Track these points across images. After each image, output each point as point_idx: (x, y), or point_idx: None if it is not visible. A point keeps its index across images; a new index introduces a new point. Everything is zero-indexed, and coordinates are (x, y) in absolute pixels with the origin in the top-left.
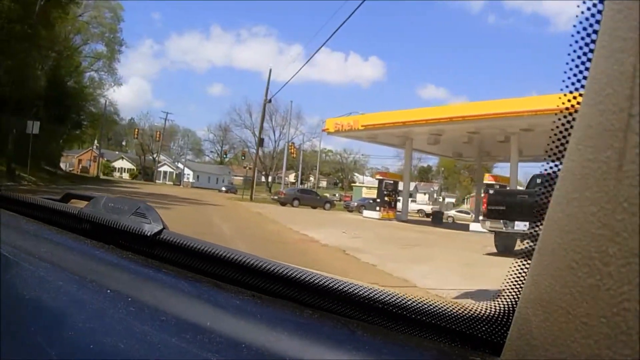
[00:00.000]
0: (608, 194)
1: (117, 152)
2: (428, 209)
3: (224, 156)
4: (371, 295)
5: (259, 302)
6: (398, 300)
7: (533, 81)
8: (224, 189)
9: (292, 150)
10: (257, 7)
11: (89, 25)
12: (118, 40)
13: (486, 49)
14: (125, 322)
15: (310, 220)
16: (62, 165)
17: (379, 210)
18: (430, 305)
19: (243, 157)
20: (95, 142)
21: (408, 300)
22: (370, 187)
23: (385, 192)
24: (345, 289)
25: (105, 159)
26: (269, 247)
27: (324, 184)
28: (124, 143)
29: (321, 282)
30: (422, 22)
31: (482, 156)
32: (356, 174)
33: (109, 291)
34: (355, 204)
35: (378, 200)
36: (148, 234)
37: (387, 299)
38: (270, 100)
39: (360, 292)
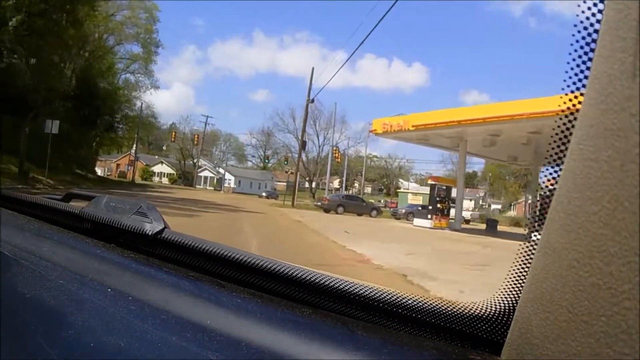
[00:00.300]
0: (609, 193)
1: (156, 157)
2: (467, 215)
3: (267, 161)
4: (371, 294)
5: (259, 301)
6: (398, 299)
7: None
8: (264, 194)
9: (337, 155)
10: (300, 13)
11: (124, 26)
12: (154, 41)
13: (529, 53)
14: (126, 321)
15: (357, 231)
16: (99, 169)
17: (431, 219)
18: (430, 304)
19: (286, 162)
20: (134, 146)
21: (408, 299)
22: (415, 194)
23: (437, 199)
24: (345, 287)
25: (145, 163)
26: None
27: (368, 190)
28: (164, 148)
29: (321, 281)
30: (464, 27)
31: (539, 159)
32: (401, 180)
33: (109, 290)
34: (403, 210)
35: (429, 207)
36: (149, 233)
37: (387, 297)
38: (312, 100)
39: (360, 291)
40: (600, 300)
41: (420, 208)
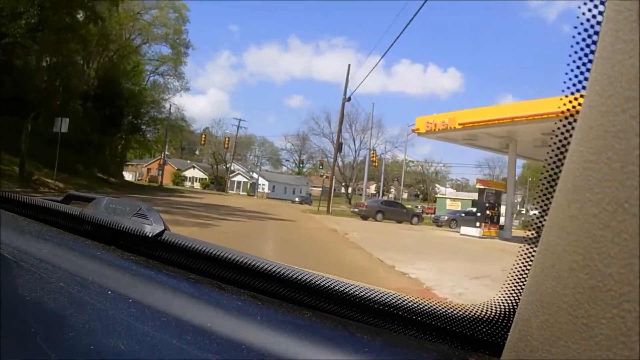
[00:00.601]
0: (609, 195)
1: (188, 161)
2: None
3: (301, 165)
4: (371, 296)
5: (260, 304)
6: (398, 302)
7: None
8: (297, 199)
9: (374, 159)
10: (336, 19)
11: (152, 26)
12: (184, 42)
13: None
14: (126, 323)
15: (402, 243)
16: (130, 174)
17: (479, 227)
18: (431, 306)
19: (321, 167)
20: (166, 150)
21: (408, 302)
22: (454, 199)
23: (487, 205)
24: (346, 290)
25: (176, 168)
26: None
27: (404, 195)
28: (197, 152)
29: (321, 283)
30: (499, 32)
31: None
32: (437, 185)
33: (110, 292)
34: (445, 217)
35: (478, 213)
36: (149, 235)
37: (387, 300)
38: (349, 99)
39: (360, 293)
40: (600, 302)
41: (463, 214)
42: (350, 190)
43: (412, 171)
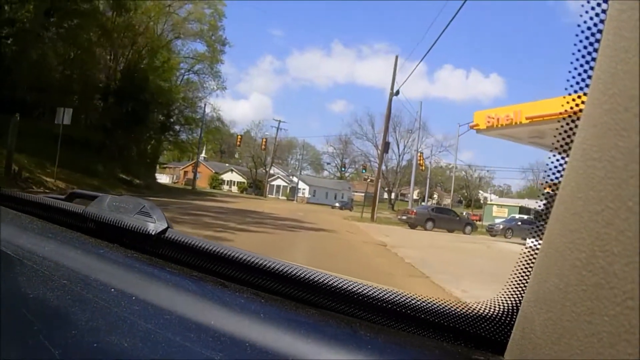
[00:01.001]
0: (612, 193)
1: (227, 165)
2: None
3: (343, 169)
4: (374, 294)
5: (263, 301)
6: (401, 299)
7: None
8: (337, 205)
9: (421, 162)
10: (379, 24)
11: (186, 22)
12: (220, 39)
13: None
14: (129, 321)
15: (474, 265)
16: (167, 177)
17: None
18: (434, 304)
19: (364, 171)
20: (203, 153)
21: (411, 299)
22: (500, 206)
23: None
24: (349, 287)
25: (213, 171)
26: None
27: (447, 201)
28: (236, 155)
29: (324, 281)
30: (539, 38)
31: None
32: (480, 191)
33: (113, 290)
34: (501, 226)
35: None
36: (152, 233)
37: (390, 297)
38: (397, 92)
39: (364, 291)
40: (604, 300)
41: (520, 223)
42: (393, 195)
43: (456, 177)
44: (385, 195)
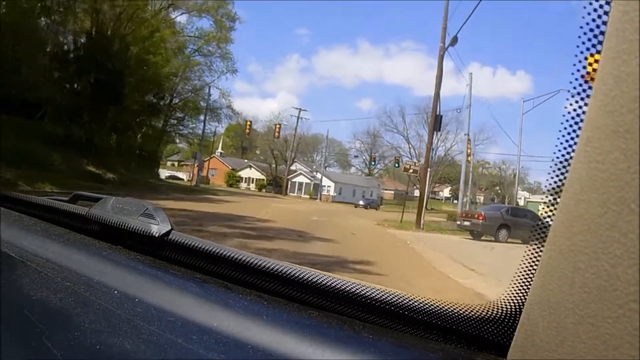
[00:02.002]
0: (615, 195)
1: (245, 161)
2: None
3: (373, 164)
4: (377, 295)
5: (266, 303)
6: (404, 301)
7: None
8: (361, 203)
9: (469, 151)
10: (406, 22)
11: None
12: (228, 14)
13: None
14: (132, 323)
15: None
16: (183, 174)
17: None
18: (436, 306)
19: (396, 165)
20: (220, 148)
21: (414, 301)
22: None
23: None
24: (352, 289)
25: (230, 167)
26: None
27: (480, 198)
28: (257, 152)
29: (327, 283)
30: (564, 35)
31: None
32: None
33: (116, 292)
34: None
35: None
36: (156, 235)
37: (393, 299)
38: (456, 40)
39: (366, 293)
40: (607, 302)
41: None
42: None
43: (489, 174)
44: (416, 193)
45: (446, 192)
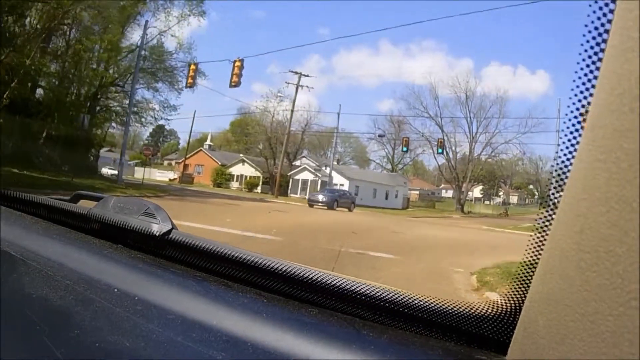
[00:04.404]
0: (617, 194)
1: (240, 155)
2: None
3: (404, 149)
4: (377, 293)
5: (265, 301)
6: (404, 299)
7: None
8: (320, 198)
9: None
10: (426, 22)
11: None
12: None
13: None
14: (132, 321)
15: None
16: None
17: None
18: (437, 304)
19: (440, 150)
20: (209, 140)
21: (414, 299)
22: None
23: None
24: (352, 287)
25: (219, 162)
26: None
27: (514, 199)
28: (260, 146)
29: (326, 281)
30: (578, 33)
31: None
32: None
33: (116, 290)
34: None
35: None
36: (157, 234)
37: (393, 297)
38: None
39: (366, 291)
40: (607, 300)
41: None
42: (463, 194)
43: (523, 171)
44: (444, 194)
45: (476, 191)
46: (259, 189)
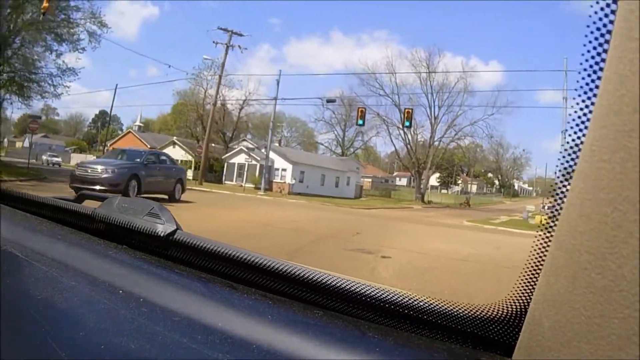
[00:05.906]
0: (622, 195)
1: (173, 137)
2: None
3: (359, 122)
4: (382, 295)
5: (271, 303)
6: (409, 301)
7: None
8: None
9: None
10: (379, 12)
11: None
12: None
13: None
14: (137, 323)
15: None
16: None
17: None
18: (442, 306)
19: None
20: (138, 121)
21: (419, 301)
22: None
23: None
24: (357, 289)
25: (149, 146)
26: None
27: (473, 188)
28: (192, 127)
29: (332, 283)
30: (538, 28)
31: None
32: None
33: (121, 291)
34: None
35: None
36: (161, 235)
37: (398, 299)
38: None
39: (371, 293)
40: (613, 302)
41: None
42: (423, 181)
43: (483, 158)
44: (400, 182)
45: (432, 179)
46: (190, 175)
